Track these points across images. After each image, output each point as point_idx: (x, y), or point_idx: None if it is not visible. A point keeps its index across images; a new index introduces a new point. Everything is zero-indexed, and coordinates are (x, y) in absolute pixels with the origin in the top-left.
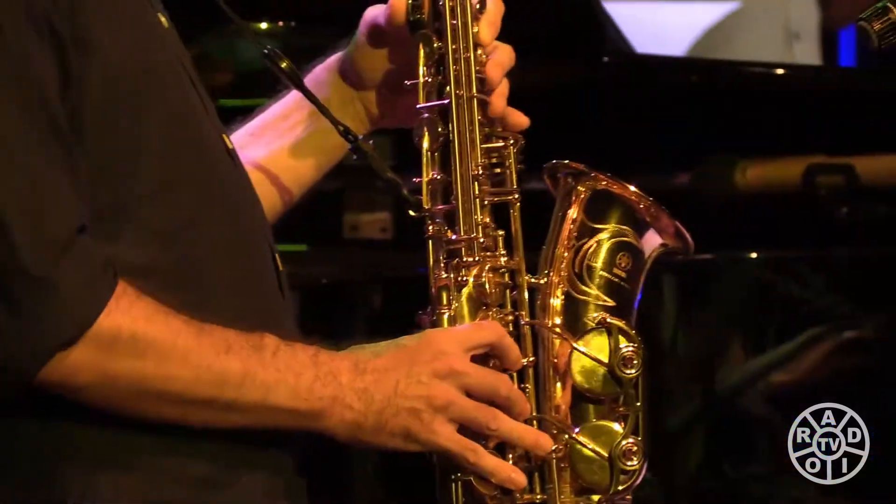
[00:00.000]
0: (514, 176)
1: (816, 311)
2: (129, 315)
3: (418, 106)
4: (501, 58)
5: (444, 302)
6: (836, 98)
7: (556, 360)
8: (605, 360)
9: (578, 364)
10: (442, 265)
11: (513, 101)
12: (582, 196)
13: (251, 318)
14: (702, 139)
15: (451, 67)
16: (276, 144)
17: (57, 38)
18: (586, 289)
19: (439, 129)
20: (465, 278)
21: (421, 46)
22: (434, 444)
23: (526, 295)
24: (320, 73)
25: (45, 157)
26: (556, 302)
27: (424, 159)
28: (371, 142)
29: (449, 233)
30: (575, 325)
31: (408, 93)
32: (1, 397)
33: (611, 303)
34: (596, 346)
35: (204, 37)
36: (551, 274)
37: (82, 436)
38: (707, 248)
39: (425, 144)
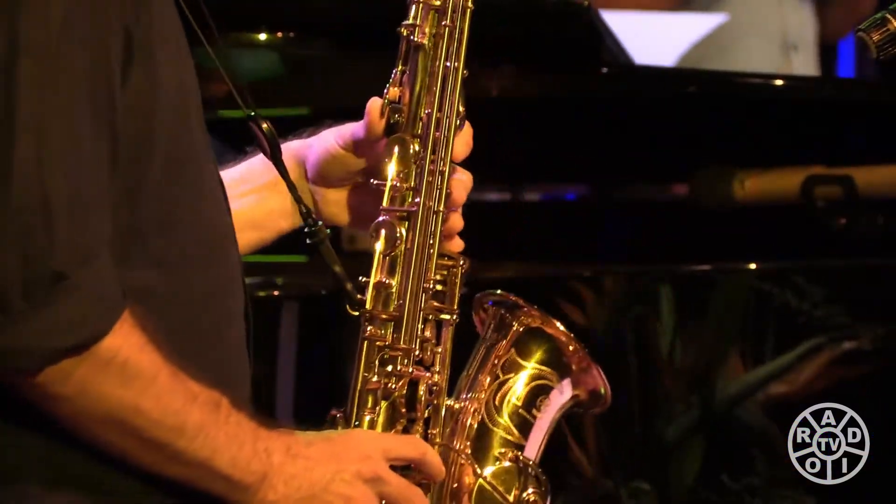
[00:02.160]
0: (457, 297)
1: (815, 322)
2: (127, 341)
3: (381, 207)
4: (467, 181)
5: (370, 406)
6: (834, 109)
7: (455, 486)
8: (510, 498)
9: (481, 495)
10: (375, 368)
11: (513, 111)
12: (513, 329)
13: (221, 361)
14: (700, 150)
15: (426, 178)
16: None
17: (130, 44)
18: (501, 421)
19: (396, 234)
20: (392, 387)
21: (396, 149)
22: None
23: (443, 414)
24: (288, 159)
25: (102, 160)
26: (470, 427)
27: (376, 261)
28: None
29: (389, 338)
30: (483, 453)
31: (363, 187)
32: None
33: (522, 441)
34: (503, 482)
35: (199, 48)
36: (469, 400)
37: (45, 450)
38: (705, 259)
39: (379, 246)
